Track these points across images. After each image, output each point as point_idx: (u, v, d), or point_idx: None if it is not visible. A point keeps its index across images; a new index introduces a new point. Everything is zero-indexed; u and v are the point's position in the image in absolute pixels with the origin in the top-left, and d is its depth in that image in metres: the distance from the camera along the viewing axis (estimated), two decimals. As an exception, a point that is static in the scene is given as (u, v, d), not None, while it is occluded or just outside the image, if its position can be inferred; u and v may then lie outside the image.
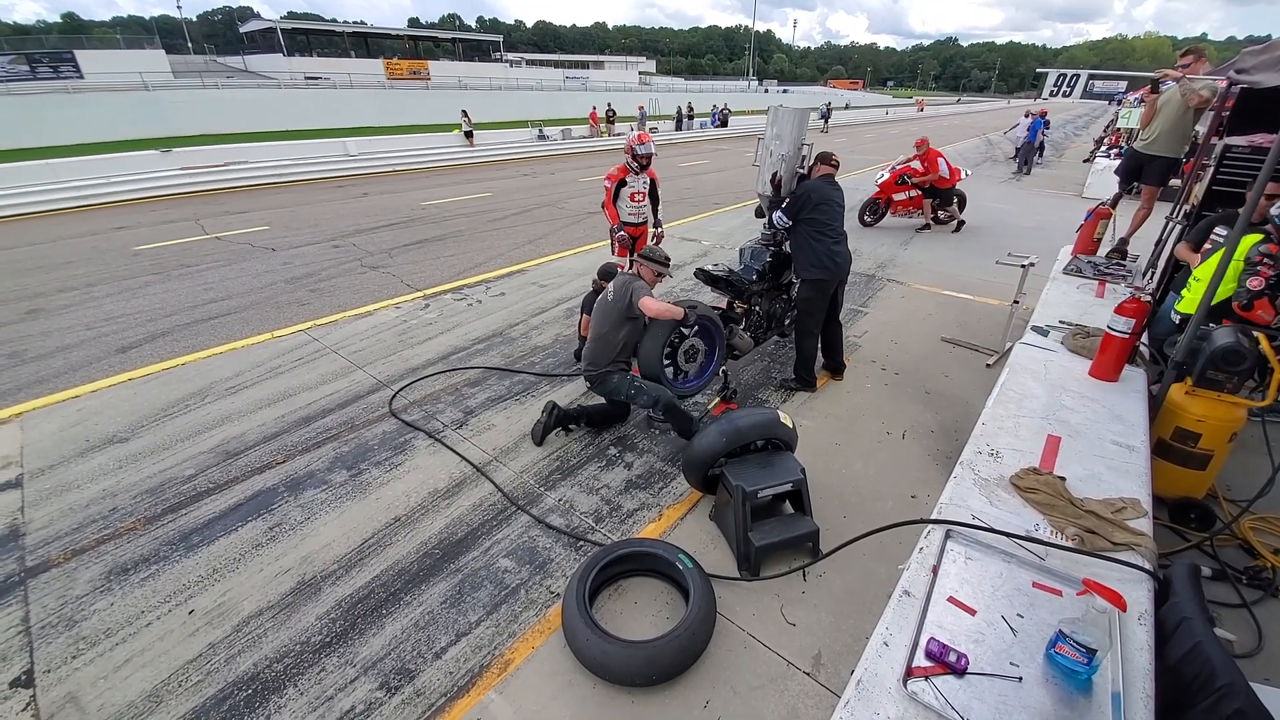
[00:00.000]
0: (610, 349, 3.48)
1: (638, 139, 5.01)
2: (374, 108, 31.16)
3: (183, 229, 9.43)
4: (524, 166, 17.51)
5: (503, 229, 9.42)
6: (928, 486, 3.30)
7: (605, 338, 3.47)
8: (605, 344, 3.47)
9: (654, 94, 42.26)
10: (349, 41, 48.96)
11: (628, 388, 3.48)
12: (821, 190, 3.94)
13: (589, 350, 3.54)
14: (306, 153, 15.79)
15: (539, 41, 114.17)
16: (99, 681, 2.23)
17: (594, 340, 3.51)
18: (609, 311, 3.48)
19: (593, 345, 3.51)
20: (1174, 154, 4.74)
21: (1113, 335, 2.77)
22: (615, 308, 3.46)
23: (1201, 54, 4.50)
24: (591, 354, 3.50)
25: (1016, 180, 15.04)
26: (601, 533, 2.98)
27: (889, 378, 4.60)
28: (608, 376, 3.47)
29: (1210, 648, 1.44)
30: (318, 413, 4.05)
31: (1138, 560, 1.73)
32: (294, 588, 2.65)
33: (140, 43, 36.05)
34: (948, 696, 1.36)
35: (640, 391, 3.48)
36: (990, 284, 6.66)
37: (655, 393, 3.48)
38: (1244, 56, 3.60)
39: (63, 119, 21.65)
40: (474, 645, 2.38)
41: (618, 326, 3.47)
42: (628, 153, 5.04)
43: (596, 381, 3.52)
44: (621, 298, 3.44)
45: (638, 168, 5.07)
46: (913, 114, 48.30)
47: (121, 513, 3.11)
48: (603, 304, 3.54)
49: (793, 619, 2.49)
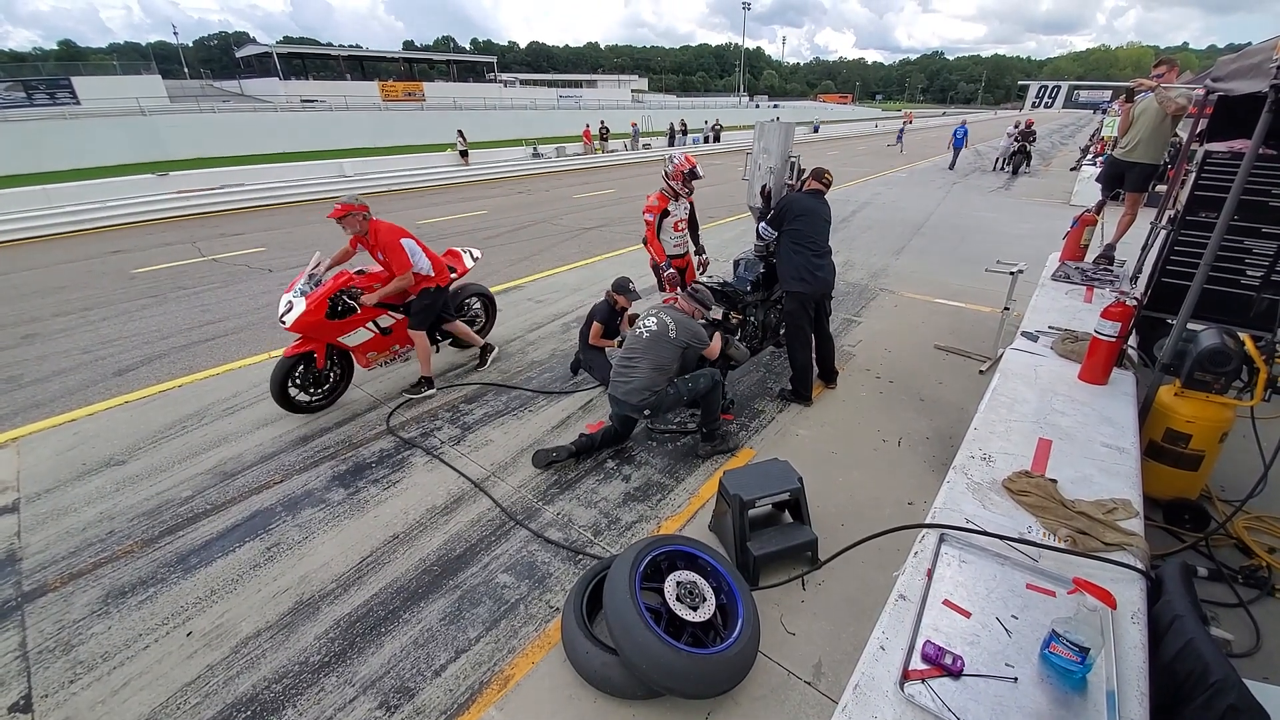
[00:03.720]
0: (667, 375, 3.48)
1: (685, 161, 4.66)
2: (370, 129, 31.48)
3: (179, 251, 9.47)
4: (519, 184, 17.68)
5: (498, 246, 9.49)
6: (924, 492, 3.32)
7: (665, 369, 3.46)
8: (664, 374, 3.46)
9: (647, 111, 42.80)
10: (344, 65, 49.60)
11: (685, 389, 3.51)
12: (804, 202, 3.99)
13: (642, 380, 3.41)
14: (303, 174, 15.97)
15: (533, 62, 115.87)
16: (97, 706, 2.22)
17: (653, 370, 3.41)
18: (669, 346, 3.47)
19: (650, 375, 3.41)
20: (1153, 160, 4.83)
21: (1100, 339, 2.81)
22: (676, 344, 3.48)
23: (1175, 64, 4.61)
24: (648, 382, 3.40)
25: (1005, 189, 15.26)
26: (600, 546, 2.98)
27: (883, 386, 4.63)
28: (664, 395, 3.45)
29: (1203, 644, 1.45)
30: (315, 431, 4.05)
31: (1130, 560, 1.75)
32: (292, 607, 2.64)
33: (137, 69, 36.52)
34: (944, 699, 1.37)
35: (696, 379, 3.55)
36: (981, 291, 6.74)
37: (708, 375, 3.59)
38: (1219, 65, 3.69)
39: (59, 145, 21.82)
40: (474, 662, 2.38)
41: (675, 359, 3.51)
42: (676, 179, 4.66)
43: (656, 407, 3.46)
44: (682, 337, 3.49)
45: (685, 193, 4.78)
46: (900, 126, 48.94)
47: (119, 535, 3.10)
48: (660, 338, 3.47)
49: (792, 628, 2.50)
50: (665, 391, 3.46)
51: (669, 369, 3.49)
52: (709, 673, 2.05)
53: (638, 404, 3.42)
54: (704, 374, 3.59)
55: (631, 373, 3.44)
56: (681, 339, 3.48)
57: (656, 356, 3.44)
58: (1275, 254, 3.09)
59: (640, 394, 3.39)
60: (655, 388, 3.41)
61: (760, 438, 3.95)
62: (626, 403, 3.44)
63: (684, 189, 4.74)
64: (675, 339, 3.47)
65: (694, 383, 3.55)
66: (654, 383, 3.41)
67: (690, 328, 3.53)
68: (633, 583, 2.18)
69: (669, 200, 4.75)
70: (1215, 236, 2.52)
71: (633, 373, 3.44)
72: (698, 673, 2.02)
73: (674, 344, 3.47)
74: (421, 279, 4.38)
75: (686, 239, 5.08)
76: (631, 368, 3.45)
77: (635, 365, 3.45)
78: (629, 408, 3.48)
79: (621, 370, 3.49)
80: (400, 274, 4.14)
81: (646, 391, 3.39)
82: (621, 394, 3.45)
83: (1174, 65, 4.63)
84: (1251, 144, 2.36)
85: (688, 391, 3.53)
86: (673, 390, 3.49)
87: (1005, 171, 18.46)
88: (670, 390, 3.48)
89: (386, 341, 4.49)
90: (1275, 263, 3.09)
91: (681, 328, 3.51)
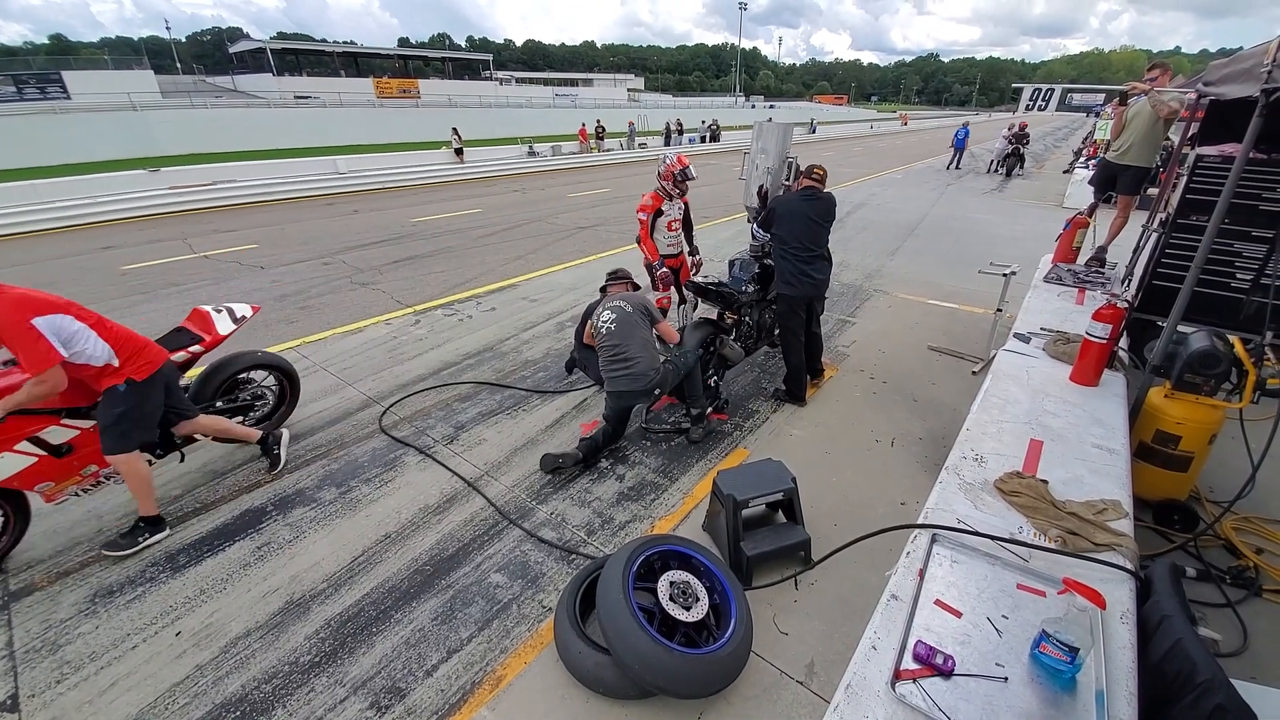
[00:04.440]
0: (655, 350, 3.61)
1: (678, 162, 4.64)
2: (364, 126, 31.35)
3: (170, 248, 9.39)
4: (514, 183, 17.62)
5: (493, 244, 9.46)
6: (916, 493, 3.33)
7: (650, 343, 3.60)
8: (653, 349, 3.59)
9: (643, 110, 42.82)
10: (339, 61, 49.25)
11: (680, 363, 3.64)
12: (788, 204, 3.95)
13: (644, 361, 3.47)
14: (296, 171, 15.84)
15: (528, 60, 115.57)
16: (84, 706, 2.20)
17: (645, 348, 3.52)
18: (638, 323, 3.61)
19: (648, 354, 3.50)
20: (1146, 164, 4.87)
21: (1091, 341, 2.83)
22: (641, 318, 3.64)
23: (1167, 67, 4.66)
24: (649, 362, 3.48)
25: (999, 191, 15.35)
26: (594, 545, 2.98)
27: (877, 386, 4.65)
28: (666, 370, 3.55)
29: (1191, 645, 1.46)
30: (306, 430, 4.03)
31: (1119, 560, 1.76)
32: (282, 607, 2.62)
33: (128, 63, 36.11)
34: (935, 698, 1.38)
35: (684, 353, 3.71)
36: (974, 293, 6.77)
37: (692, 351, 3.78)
38: (1211, 69, 3.72)
39: (50, 140, 21.63)
40: (465, 662, 2.37)
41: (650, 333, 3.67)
42: (666, 179, 4.67)
43: (663, 384, 3.56)
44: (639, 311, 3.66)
45: (678, 193, 4.77)
46: (896, 128, 49.21)
47: (107, 534, 3.07)
48: (627, 320, 3.58)
49: (785, 628, 2.50)
50: (665, 366, 3.57)
51: (653, 342, 3.63)
52: (702, 673, 2.05)
53: (647, 386, 3.47)
54: (688, 351, 3.77)
55: (628, 358, 3.48)
56: (640, 313, 3.65)
57: (638, 335, 3.56)
58: (1265, 257, 3.12)
59: (647, 375, 3.46)
60: (656, 365, 3.51)
61: (754, 437, 3.96)
62: (633, 391, 3.49)
63: (675, 189, 4.74)
64: (635, 314, 3.62)
65: (684, 357, 3.69)
66: (653, 360, 3.52)
67: (638, 300, 3.73)
68: (626, 582, 2.18)
69: (663, 200, 4.75)
70: (1206, 239, 2.54)
71: (629, 357, 3.48)
72: (690, 673, 2.02)
73: (640, 318, 3.62)
74: (96, 374, 2.75)
75: (681, 239, 5.08)
76: (626, 356, 3.49)
77: (627, 351, 3.49)
78: (638, 395, 3.53)
79: (616, 363, 3.50)
80: (35, 372, 2.46)
81: (652, 370, 3.47)
82: (626, 385, 3.48)
83: (1167, 69, 4.67)
84: (1242, 148, 2.38)
85: (683, 365, 3.66)
86: (670, 365, 3.60)
87: (999, 173, 18.61)
88: (668, 366, 3.59)
89: (68, 465, 2.89)
90: (1265, 266, 3.12)
91: (634, 303, 3.68)
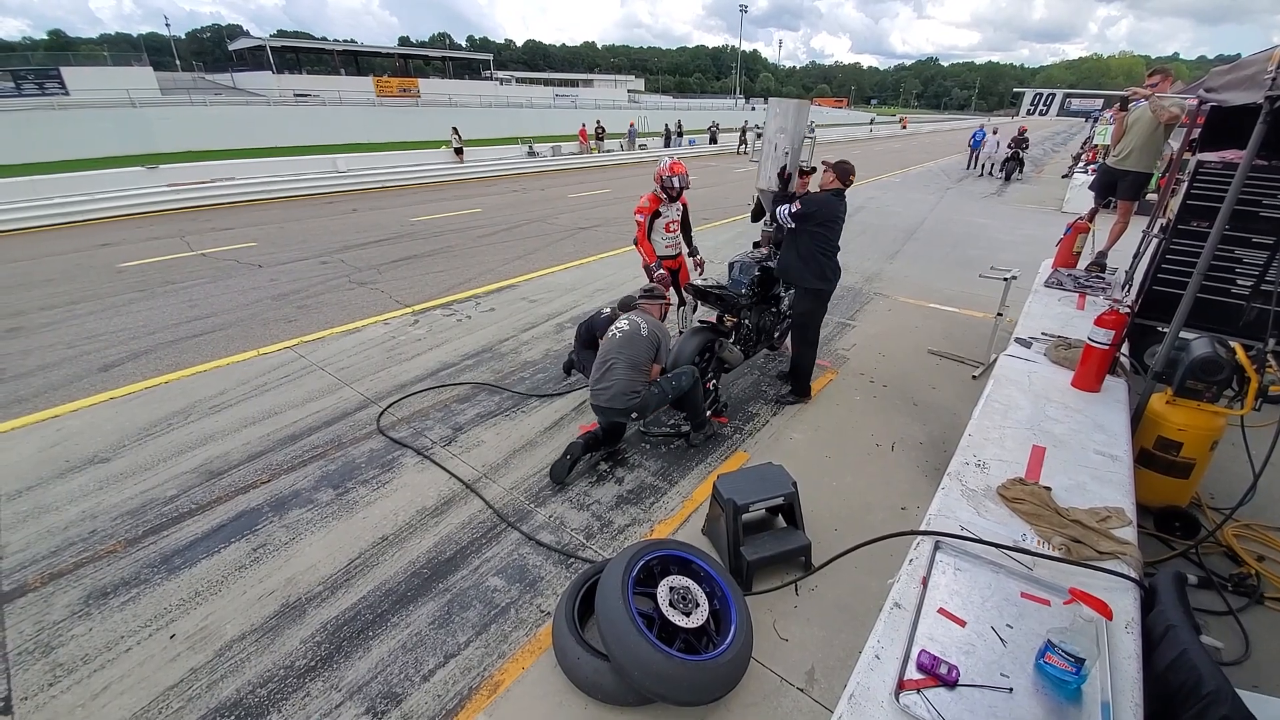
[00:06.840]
0: (644, 374, 3.49)
1: (669, 168, 4.65)
2: (363, 125, 31.25)
3: (168, 246, 9.34)
4: (514, 183, 17.59)
5: (493, 244, 9.44)
6: (917, 498, 3.31)
7: (641, 367, 3.47)
8: (641, 372, 3.47)
9: (643, 111, 42.81)
10: (339, 59, 49.12)
11: (668, 387, 3.56)
12: (832, 207, 3.95)
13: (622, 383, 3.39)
14: (295, 169, 15.75)
15: (529, 60, 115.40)
16: (77, 710, 2.17)
17: (629, 370, 3.41)
18: (643, 344, 3.51)
19: (628, 376, 3.40)
20: (1146, 169, 4.86)
21: (1094, 346, 2.82)
22: (650, 341, 3.54)
23: (1169, 73, 4.65)
24: (627, 385, 3.39)
25: (998, 195, 15.37)
26: (593, 549, 2.96)
27: (877, 390, 4.64)
28: (648, 395, 3.46)
29: (1196, 655, 1.45)
30: (303, 431, 4.00)
31: (1123, 569, 1.75)
32: (278, 610, 2.60)
33: (128, 60, 35.88)
34: (939, 709, 1.36)
35: (677, 376, 3.61)
36: (974, 297, 6.77)
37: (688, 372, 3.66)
38: (1213, 75, 3.72)
39: (48, 136, 21.51)
40: (463, 667, 2.35)
41: (649, 357, 3.54)
42: (657, 181, 4.70)
43: (642, 409, 3.46)
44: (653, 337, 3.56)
45: (675, 195, 4.77)
46: (895, 131, 49.29)
47: (101, 535, 3.04)
48: (634, 336, 3.51)
49: (785, 634, 2.48)
50: (649, 391, 3.46)
51: (644, 367, 3.50)
52: (701, 679, 2.03)
53: (623, 408, 3.40)
54: (684, 371, 3.65)
55: (609, 376, 3.42)
56: (653, 339, 3.56)
57: (632, 354, 3.46)
58: (1266, 263, 3.12)
59: (623, 398, 3.37)
60: (636, 389, 3.41)
61: (754, 441, 3.94)
62: (611, 409, 3.43)
63: (664, 194, 4.75)
64: (647, 337, 3.53)
65: (676, 380, 3.59)
66: (633, 383, 3.40)
67: (657, 328, 3.63)
68: (625, 587, 2.16)
69: (660, 201, 4.75)
70: (1209, 246, 2.53)
71: (610, 376, 3.42)
72: (690, 679, 2.01)
73: (647, 341, 3.53)
74: None
75: (679, 240, 5.08)
76: (608, 373, 3.44)
77: (612, 369, 3.44)
78: (614, 414, 3.46)
79: (599, 378, 3.48)
80: None
81: (628, 394, 3.38)
82: (604, 401, 3.41)
83: (1168, 74, 4.67)
84: (1246, 154, 2.38)
85: (671, 389, 3.56)
86: (656, 389, 3.50)
87: (998, 177, 18.67)
88: (654, 389, 3.49)
89: None
90: (1266, 272, 3.12)
91: (651, 328, 3.59)
